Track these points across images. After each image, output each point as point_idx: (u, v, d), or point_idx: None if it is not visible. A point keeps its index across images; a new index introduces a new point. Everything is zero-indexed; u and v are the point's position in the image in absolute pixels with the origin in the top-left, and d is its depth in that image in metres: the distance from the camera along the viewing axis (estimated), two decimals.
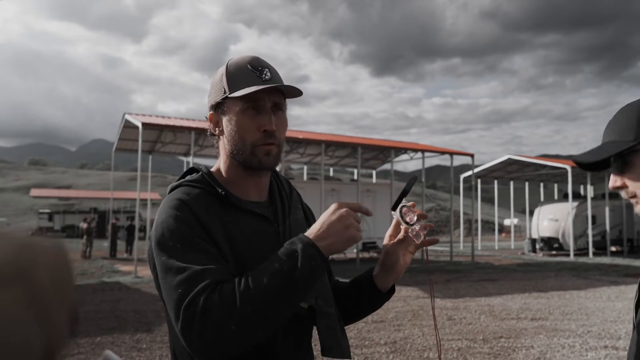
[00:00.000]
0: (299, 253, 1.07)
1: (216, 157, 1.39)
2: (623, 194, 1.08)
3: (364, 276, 1.38)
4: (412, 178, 1.30)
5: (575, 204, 25.36)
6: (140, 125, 16.43)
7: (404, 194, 1.28)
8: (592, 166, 1.09)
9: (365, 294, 1.36)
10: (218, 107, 1.27)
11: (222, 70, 1.28)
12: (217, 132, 1.30)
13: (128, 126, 18.79)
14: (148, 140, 20.63)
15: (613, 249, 27.13)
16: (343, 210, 1.12)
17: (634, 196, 1.05)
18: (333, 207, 1.14)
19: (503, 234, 50.83)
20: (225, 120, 1.26)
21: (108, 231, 24.90)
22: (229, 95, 1.23)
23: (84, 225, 22.20)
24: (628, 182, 1.05)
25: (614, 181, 1.08)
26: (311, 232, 1.12)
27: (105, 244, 25.44)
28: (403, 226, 1.26)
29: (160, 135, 20.47)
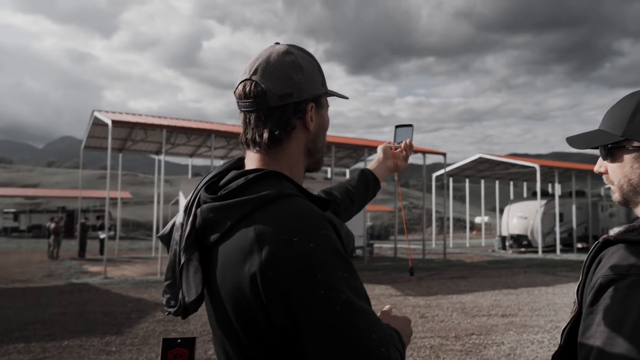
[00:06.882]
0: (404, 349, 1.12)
1: (185, 155, 1.30)
2: (604, 178, 1.18)
3: (364, 175, 1.58)
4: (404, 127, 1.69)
5: (544, 202, 25.98)
6: (110, 123, 16.07)
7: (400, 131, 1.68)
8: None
9: (371, 188, 1.58)
10: (317, 100, 1.13)
11: (315, 60, 1.15)
12: (311, 127, 1.12)
13: (97, 124, 18.36)
14: (118, 138, 20.20)
15: (579, 245, 27.90)
16: (411, 327, 1.23)
17: (613, 184, 1.15)
18: (408, 321, 1.20)
19: (474, 232, 51.69)
20: (319, 115, 1.14)
21: (76, 231, 24.31)
22: (331, 91, 1.17)
23: (51, 225, 21.64)
24: (609, 171, 1.15)
25: (598, 166, 1.18)
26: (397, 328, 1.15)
27: (74, 243, 24.85)
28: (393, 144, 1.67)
29: (131, 133, 20.07)
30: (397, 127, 1.68)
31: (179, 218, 1.09)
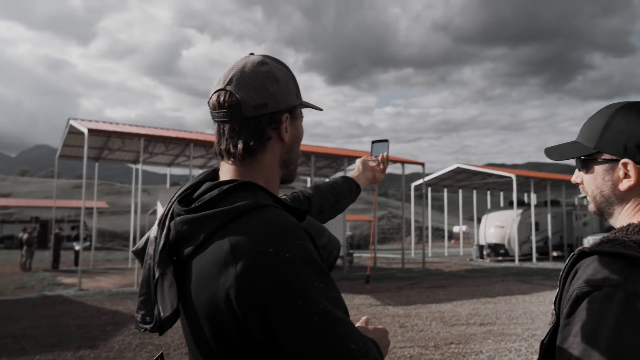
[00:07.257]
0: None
1: (164, 164, 1.26)
2: (580, 189, 1.21)
3: (347, 180, 1.66)
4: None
5: (520, 211, 26.40)
6: (86, 131, 15.82)
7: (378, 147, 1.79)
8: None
9: (354, 192, 1.67)
10: (292, 111, 1.12)
11: (289, 71, 1.14)
12: (285, 138, 1.10)
13: (73, 132, 18.05)
14: (94, 146, 19.89)
15: (555, 254, 28.38)
16: (389, 338, 1.21)
17: (588, 195, 1.18)
18: (385, 332, 1.18)
19: (452, 241, 52.20)
20: (293, 126, 1.13)
21: (50, 241, 23.76)
22: (305, 103, 1.17)
23: (24, 236, 21.10)
24: (584, 182, 1.18)
25: (575, 177, 1.21)
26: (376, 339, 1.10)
27: (48, 254, 24.26)
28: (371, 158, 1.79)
29: (108, 142, 19.78)
30: (373, 142, 1.78)
31: (152, 232, 1.06)
